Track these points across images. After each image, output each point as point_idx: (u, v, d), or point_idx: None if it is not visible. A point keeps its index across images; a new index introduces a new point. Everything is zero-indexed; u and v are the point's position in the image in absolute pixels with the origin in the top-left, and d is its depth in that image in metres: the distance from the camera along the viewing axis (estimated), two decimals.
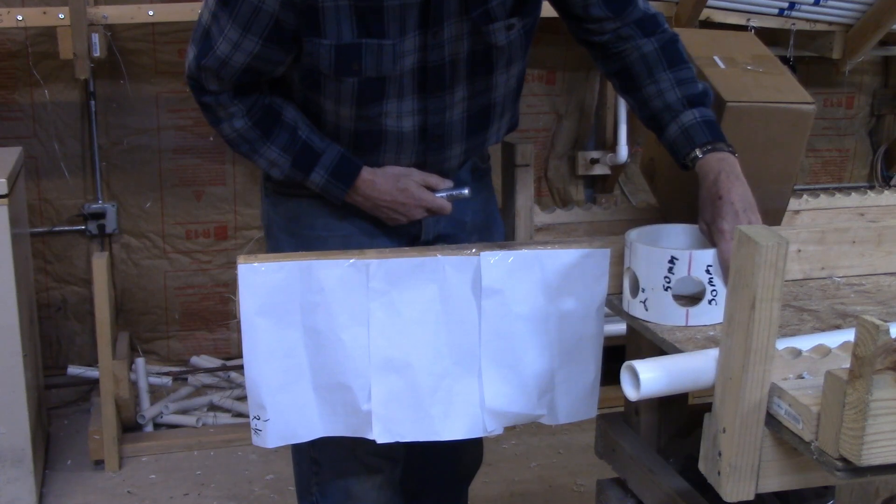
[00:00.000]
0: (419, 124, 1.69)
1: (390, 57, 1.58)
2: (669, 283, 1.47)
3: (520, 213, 2.62)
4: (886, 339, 1.03)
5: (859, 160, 4.01)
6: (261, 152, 1.72)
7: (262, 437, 1.60)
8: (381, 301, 1.56)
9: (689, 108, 1.66)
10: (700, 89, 1.68)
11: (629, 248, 1.53)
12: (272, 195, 1.84)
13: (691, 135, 1.63)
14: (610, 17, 1.69)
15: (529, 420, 1.70)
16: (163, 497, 2.79)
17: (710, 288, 1.48)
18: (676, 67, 1.69)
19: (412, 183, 1.73)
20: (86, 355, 3.41)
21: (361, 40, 1.56)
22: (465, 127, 1.74)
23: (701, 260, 1.47)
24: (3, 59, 3.16)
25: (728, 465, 1.22)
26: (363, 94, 1.63)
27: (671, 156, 1.69)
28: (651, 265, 1.48)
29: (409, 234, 1.82)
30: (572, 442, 3.07)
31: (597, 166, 3.65)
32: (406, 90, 1.64)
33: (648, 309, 1.50)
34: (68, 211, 3.33)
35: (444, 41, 1.61)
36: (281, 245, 1.82)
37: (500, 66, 1.69)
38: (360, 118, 1.67)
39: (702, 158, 1.61)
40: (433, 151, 1.74)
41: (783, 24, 3.35)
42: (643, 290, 1.49)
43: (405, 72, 1.62)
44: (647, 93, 1.69)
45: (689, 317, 1.48)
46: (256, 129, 1.70)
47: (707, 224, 1.55)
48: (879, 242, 1.71)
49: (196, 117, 3.33)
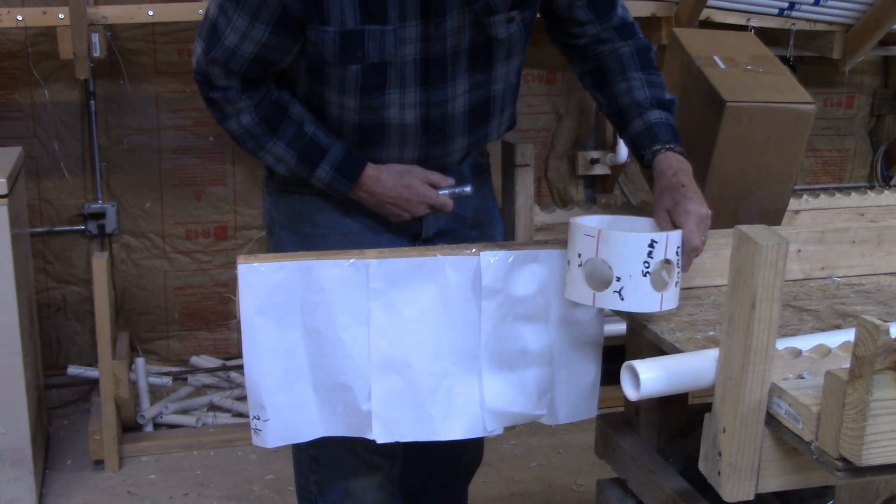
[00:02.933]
0: (421, 116, 1.70)
1: (392, 42, 1.60)
2: (648, 268, 1.46)
3: (520, 213, 2.62)
4: (886, 339, 1.03)
5: (859, 160, 4.01)
6: (267, 148, 1.73)
7: (262, 437, 1.60)
8: (380, 301, 1.56)
9: (657, 109, 1.72)
10: (668, 97, 1.75)
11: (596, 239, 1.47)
12: (274, 193, 1.85)
13: (655, 132, 1.69)
14: (592, 20, 1.75)
15: (529, 420, 1.70)
16: (163, 497, 2.79)
17: (676, 270, 1.48)
18: (648, 71, 1.76)
19: (416, 180, 1.75)
20: (86, 355, 3.41)
21: (364, 26, 1.58)
22: (467, 120, 1.75)
23: (674, 241, 1.48)
24: (3, 59, 3.17)
25: (728, 465, 1.22)
26: (366, 83, 1.64)
27: (630, 149, 1.75)
28: (630, 252, 1.45)
29: (411, 232, 1.83)
30: (572, 442, 3.07)
31: (597, 166, 3.65)
32: (408, 81, 1.66)
33: (624, 298, 1.47)
34: (68, 211, 3.33)
35: (446, 32, 1.63)
36: (282, 243, 1.82)
37: (500, 59, 1.72)
38: (364, 109, 1.68)
39: (663, 154, 1.66)
40: (436, 145, 1.76)
41: (783, 24, 3.35)
42: (618, 278, 1.46)
43: (407, 61, 1.63)
44: (618, 89, 1.75)
45: (663, 301, 1.48)
46: (263, 124, 1.71)
47: (668, 209, 1.56)
48: (879, 242, 1.72)
49: (196, 117, 3.33)
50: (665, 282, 1.49)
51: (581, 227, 1.50)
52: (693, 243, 1.51)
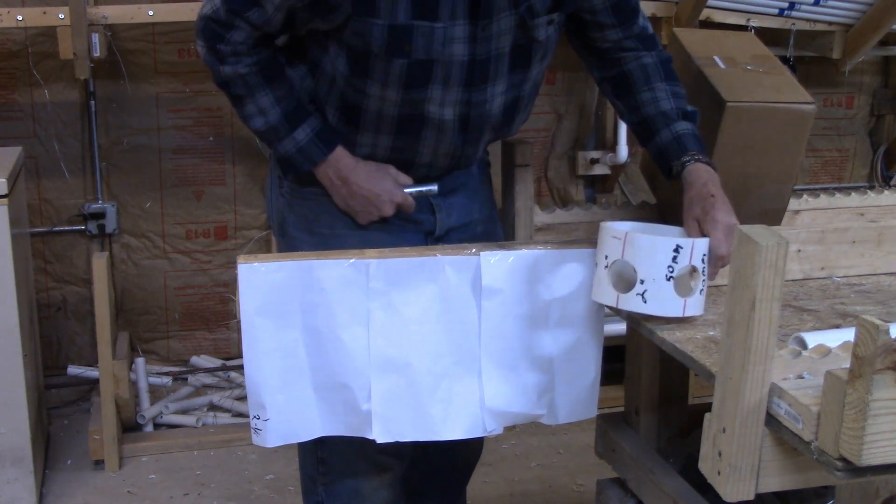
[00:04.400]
0: (460, 114, 1.71)
1: (440, 40, 1.61)
2: (673, 273, 1.47)
3: (520, 213, 2.61)
4: (886, 339, 1.03)
5: (859, 160, 4.01)
6: (255, 97, 1.72)
7: (262, 436, 1.60)
8: (380, 301, 1.56)
9: (683, 120, 1.72)
10: (692, 110, 1.76)
11: (622, 241, 1.50)
12: (288, 194, 1.84)
13: (684, 142, 1.70)
14: (615, 25, 1.75)
15: (529, 420, 1.70)
16: (163, 497, 2.79)
17: (702, 277, 1.49)
18: (673, 83, 1.77)
19: (389, 178, 1.76)
20: (86, 355, 3.41)
21: (414, 22, 1.58)
22: (500, 119, 1.77)
23: (700, 249, 1.48)
24: (3, 59, 3.16)
25: (728, 465, 1.22)
26: (411, 77, 1.64)
27: (656, 159, 1.75)
28: (654, 256, 1.47)
29: (424, 230, 1.83)
30: (572, 442, 3.07)
31: (597, 166, 3.64)
32: (453, 80, 1.66)
33: (647, 301, 1.48)
34: (68, 211, 3.33)
35: (493, 35, 1.64)
36: (298, 243, 1.82)
37: (537, 61, 1.73)
38: (405, 103, 1.68)
39: (692, 164, 1.66)
40: (470, 143, 1.77)
41: (783, 24, 3.35)
42: (642, 281, 1.48)
43: (454, 60, 1.64)
44: (642, 99, 1.75)
45: (686, 307, 1.49)
46: (260, 74, 1.71)
47: (697, 218, 1.57)
48: (879, 242, 1.72)
49: (196, 117, 3.33)
50: (689, 288, 1.49)
51: (609, 229, 1.52)
52: (720, 252, 1.52)
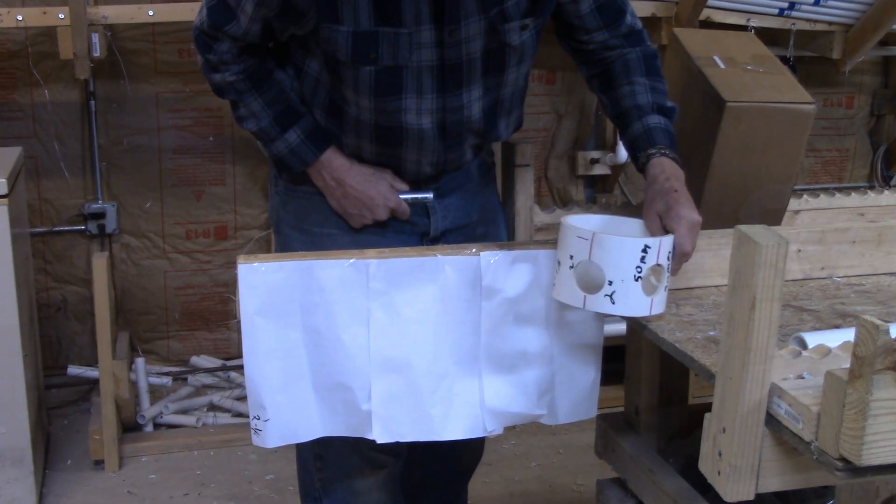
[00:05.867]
0: (438, 122, 1.71)
1: (406, 46, 1.60)
2: (641, 273, 1.46)
3: (520, 213, 2.62)
4: (886, 339, 1.03)
5: (859, 160, 4.01)
6: (246, 101, 1.76)
7: (262, 437, 1.60)
8: (381, 301, 1.56)
9: (657, 114, 1.72)
10: (670, 105, 1.76)
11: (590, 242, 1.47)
12: (283, 193, 1.85)
13: (653, 135, 1.70)
14: (602, 26, 1.76)
15: (529, 420, 1.70)
16: (163, 497, 2.79)
17: (666, 274, 1.49)
18: (653, 77, 1.77)
19: (385, 182, 1.77)
20: (86, 355, 3.41)
21: (378, 28, 1.58)
22: (481, 124, 1.77)
23: (666, 247, 1.48)
24: (3, 59, 3.16)
25: (728, 465, 1.22)
26: (380, 85, 1.65)
27: (628, 151, 1.76)
28: (623, 257, 1.46)
29: (419, 231, 1.83)
30: (572, 442, 3.07)
31: (597, 166, 3.64)
32: (426, 87, 1.66)
33: (616, 302, 1.47)
34: (68, 211, 3.33)
35: (461, 39, 1.63)
36: (290, 242, 1.83)
37: (512, 65, 1.73)
38: (380, 112, 1.69)
39: (657, 158, 1.66)
40: (452, 150, 1.77)
41: (783, 24, 3.35)
42: (610, 282, 1.46)
43: (423, 67, 1.64)
44: (622, 92, 1.76)
45: (653, 306, 1.48)
46: (248, 80, 1.75)
47: (660, 213, 1.57)
48: (879, 242, 1.72)
49: (196, 117, 3.33)
50: (654, 286, 1.49)
51: (574, 229, 1.50)
52: (684, 248, 1.52)
